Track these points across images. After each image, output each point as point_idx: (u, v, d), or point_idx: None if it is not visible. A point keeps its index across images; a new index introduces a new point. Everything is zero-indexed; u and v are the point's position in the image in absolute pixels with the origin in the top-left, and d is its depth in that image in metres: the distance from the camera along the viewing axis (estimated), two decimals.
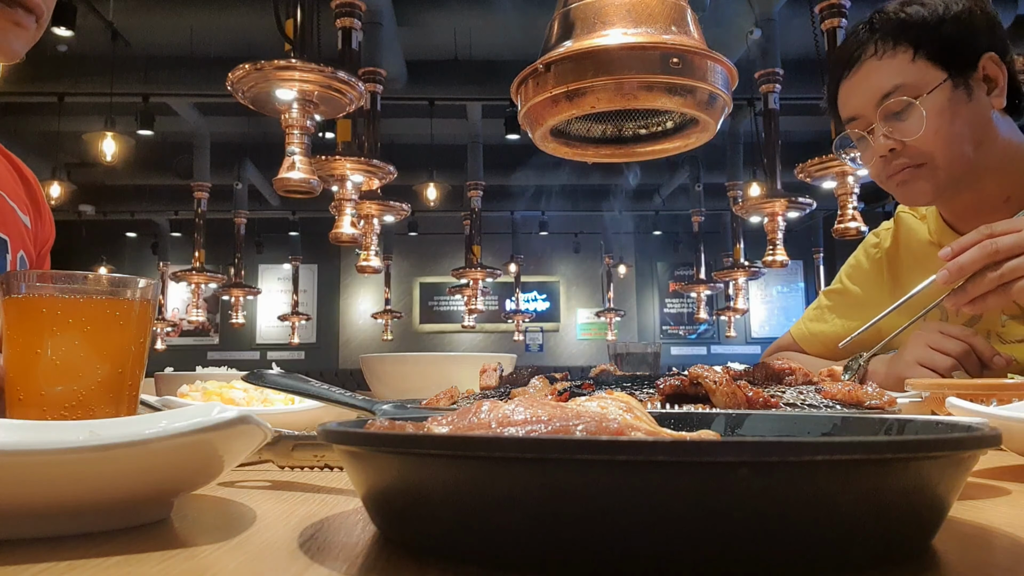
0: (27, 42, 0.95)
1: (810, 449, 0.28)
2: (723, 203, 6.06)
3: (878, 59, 1.26)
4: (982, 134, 1.23)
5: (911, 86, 1.22)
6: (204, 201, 5.58)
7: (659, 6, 0.92)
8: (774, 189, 3.30)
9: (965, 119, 1.22)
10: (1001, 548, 0.39)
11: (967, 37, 1.22)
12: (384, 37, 4.71)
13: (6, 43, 0.91)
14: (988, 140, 1.23)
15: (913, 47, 1.23)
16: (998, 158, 1.24)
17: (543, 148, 1.05)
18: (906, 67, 1.23)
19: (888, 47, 1.25)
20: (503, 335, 10.04)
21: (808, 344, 1.57)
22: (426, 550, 0.35)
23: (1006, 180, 1.26)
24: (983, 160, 1.23)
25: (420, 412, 0.63)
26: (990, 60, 1.22)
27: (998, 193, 1.27)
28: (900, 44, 1.24)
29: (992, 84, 1.23)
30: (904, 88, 1.22)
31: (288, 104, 2.05)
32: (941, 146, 1.22)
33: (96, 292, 0.62)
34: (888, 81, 1.24)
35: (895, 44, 1.24)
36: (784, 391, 0.68)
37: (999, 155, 1.24)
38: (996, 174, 1.25)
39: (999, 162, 1.25)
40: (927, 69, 1.22)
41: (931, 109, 1.21)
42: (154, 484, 0.42)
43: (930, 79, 1.22)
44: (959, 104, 1.22)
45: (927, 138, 1.22)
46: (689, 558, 0.29)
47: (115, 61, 5.35)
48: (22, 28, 0.91)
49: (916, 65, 1.23)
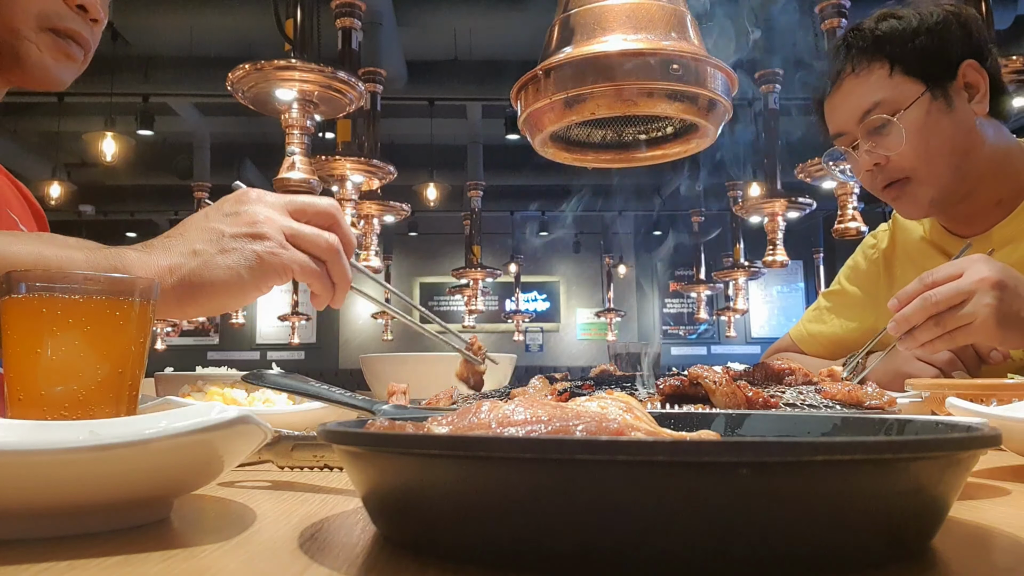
0: (75, 73, 0.98)
1: (810, 449, 0.28)
2: (723, 203, 6.06)
3: (856, 76, 1.26)
4: (967, 143, 1.23)
5: (890, 101, 1.22)
6: (204, 201, 5.58)
7: (659, 12, 0.92)
8: (774, 189, 3.30)
9: (947, 131, 1.22)
10: (1001, 548, 0.39)
11: (943, 47, 1.22)
12: (384, 37, 4.72)
13: (57, 74, 0.94)
14: (974, 148, 1.23)
15: (889, 62, 1.23)
16: (986, 164, 1.24)
17: (543, 153, 1.05)
18: (884, 83, 1.23)
19: (865, 64, 1.25)
20: (503, 335, 10.03)
21: (807, 345, 1.58)
22: (426, 550, 0.35)
23: (996, 184, 1.26)
24: (972, 168, 1.23)
25: (420, 412, 0.63)
26: (969, 67, 1.22)
27: (990, 197, 1.27)
28: (876, 60, 1.24)
29: (973, 91, 1.23)
30: (883, 104, 1.23)
31: (288, 104, 2.04)
32: (923, 161, 1.22)
33: (96, 292, 0.62)
34: (867, 98, 1.24)
35: (871, 60, 1.24)
36: (784, 391, 0.68)
37: (987, 161, 1.24)
38: (986, 180, 1.25)
39: (988, 167, 1.24)
40: (905, 83, 1.22)
41: (910, 124, 1.21)
42: (154, 484, 0.42)
43: (908, 93, 1.22)
44: (940, 116, 1.21)
45: (908, 153, 1.22)
46: (689, 558, 0.29)
47: (115, 61, 5.35)
48: (71, 60, 0.94)
49: (893, 80, 1.23)
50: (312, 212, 0.79)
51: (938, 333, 0.98)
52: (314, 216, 0.79)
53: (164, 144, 7.19)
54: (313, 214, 0.79)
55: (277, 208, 0.77)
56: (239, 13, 5.15)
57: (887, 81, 1.23)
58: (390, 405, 0.68)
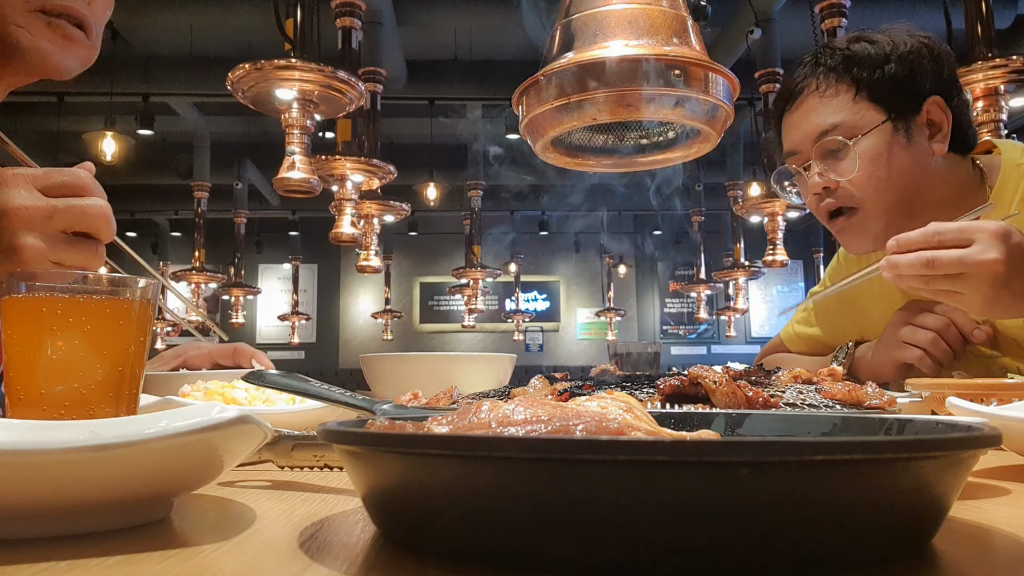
0: (80, 59, 0.90)
1: (810, 449, 0.28)
2: (723, 203, 6.06)
3: (820, 95, 1.23)
4: (921, 180, 1.20)
5: (849, 126, 1.19)
6: (204, 201, 5.58)
7: (660, 17, 0.92)
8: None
9: (902, 164, 1.19)
10: (1001, 548, 0.39)
11: (911, 78, 1.19)
12: (384, 37, 4.71)
13: (57, 59, 0.87)
14: (927, 186, 1.20)
15: (855, 85, 1.20)
16: (938, 200, 1.21)
17: (544, 158, 1.05)
18: (846, 106, 1.21)
19: (831, 83, 1.22)
20: (503, 335, 10.03)
21: (794, 344, 1.59)
22: (426, 550, 0.35)
23: (944, 219, 1.25)
24: (922, 204, 1.20)
25: (420, 412, 0.63)
26: (934, 104, 1.19)
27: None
28: (843, 81, 1.21)
29: (935, 128, 1.20)
30: (842, 127, 1.20)
31: (288, 104, 2.05)
32: (873, 191, 1.19)
33: (96, 292, 0.62)
34: (826, 119, 1.21)
35: (837, 80, 1.22)
36: (784, 391, 0.68)
37: (939, 197, 1.21)
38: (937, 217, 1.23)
39: (939, 203, 1.21)
40: (867, 109, 1.19)
41: (865, 152, 1.18)
42: (154, 484, 0.42)
43: (869, 120, 1.19)
44: (897, 148, 1.18)
45: (859, 181, 1.19)
46: (689, 558, 0.29)
47: (115, 61, 5.34)
48: (73, 43, 0.87)
49: (856, 105, 1.20)
50: (60, 184, 0.72)
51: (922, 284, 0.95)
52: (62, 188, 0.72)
53: (164, 144, 7.19)
54: (61, 185, 0.72)
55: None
56: (239, 13, 5.15)
57: (850, 104, 1.20)
58: (390, 405, 0.68)
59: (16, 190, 0.69)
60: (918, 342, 1.21)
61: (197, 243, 5.41)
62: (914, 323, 1.22)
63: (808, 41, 3.41)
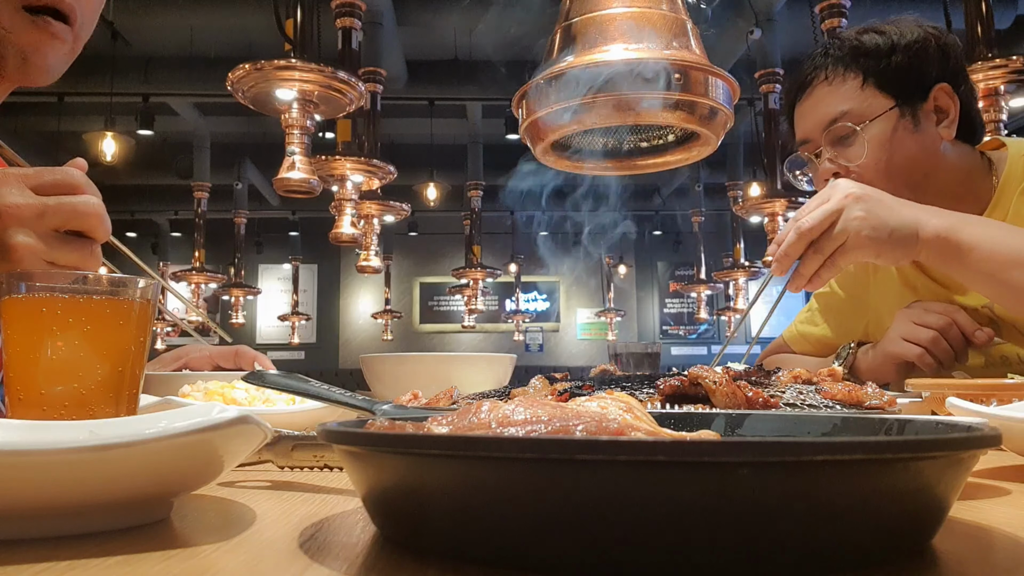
0: (64, 58, 0.86)
1: (810, 449, 0.28)
2: (723, 203, 6.06)
3: (828, 84, 1.27)
4: (928, 165, 1.23)
5: (857, 113, 1.23)
6: (204, 201, 5.59)
7: (660, 21, 0.92)
8: (774, 189, 3.30)
9: (910, 150, 1.22)
10: (1001, 548, 0.39)
11: (918, 67, 1.22)
12: (384, 37, 4.72)
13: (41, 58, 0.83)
14: (935, 171, 1.23)
15: (863, 74, 1.24)
16: (945, 186, 1.24)
17: (544, 162, 1.05)
18: (854, 93, 1.24)
19: (839, 73, 1.26)
20: (503, 335, 10.03)
21: (798, 345, 1.60)
22: (426, 550, 0.35)
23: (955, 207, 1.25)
24: (930, 189, 1.22)
25: (420, 412, 0.63)
26: (942, 91, 1.22)
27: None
28: (851, 70, 1.25)
29: (942, 115, 1.23)
30: (850, 114, 1.23)
31: (288, 104, 2.05)
32: (881, 176, 1.22)
33: (96, 292, 0.62)
34: (836, 107, 1.25)
35: (846, 70, 1.25)
36: (784, 391, 0.68)
37: (946, 184, 1.24)
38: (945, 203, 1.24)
39: (947, 190, 1.23)
40: (875, 97, 1.23)
41: (874, 137, 1.22)
42: (154, 484, 0.42)
43: (877, 106, 1.22)
44: (905, 134, 1.22)
45: (868, 166, 1.22)
46: (689, 558, 0.29)
47: (115, 61, 5.35)
48: (58, 41, 0.84)
49: (864, 92, 1.23)
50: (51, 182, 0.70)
51: (820, 260, 1.01)
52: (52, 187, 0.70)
53: (164, 144, 7.19)
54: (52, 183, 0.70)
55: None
56: (239, 13, 5.15)
57: (858, 92, 1.24)
58: (390, 405, 0.68)
59: (7, 188, 0.68)
60: (919, 340, 1.21)
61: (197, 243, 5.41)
62: (916, 321, 1.23)
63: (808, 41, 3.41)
